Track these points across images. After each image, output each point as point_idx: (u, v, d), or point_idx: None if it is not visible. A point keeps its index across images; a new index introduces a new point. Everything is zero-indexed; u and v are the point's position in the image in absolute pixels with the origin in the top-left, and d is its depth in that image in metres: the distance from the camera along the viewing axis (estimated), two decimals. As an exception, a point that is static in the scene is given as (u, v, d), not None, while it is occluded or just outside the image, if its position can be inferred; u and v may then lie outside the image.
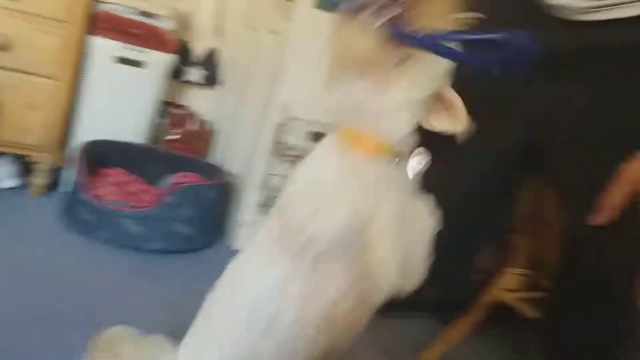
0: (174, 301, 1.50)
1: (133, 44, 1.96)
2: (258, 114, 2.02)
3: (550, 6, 0.77)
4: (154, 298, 1.52)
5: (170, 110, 2.35)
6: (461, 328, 1.43)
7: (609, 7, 0.70)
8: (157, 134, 2.27)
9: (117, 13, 1.95)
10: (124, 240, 1.75)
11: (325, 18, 1.81)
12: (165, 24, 2.03)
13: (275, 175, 1.96)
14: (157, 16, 2.01)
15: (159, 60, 2.03)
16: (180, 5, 2.24)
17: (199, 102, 2.52)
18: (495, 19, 0.81)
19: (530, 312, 1.29)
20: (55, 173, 1.98)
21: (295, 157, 1.95)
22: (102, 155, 1.98)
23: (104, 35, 1.93)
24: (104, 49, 1.94)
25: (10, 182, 1.97)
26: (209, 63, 2.40)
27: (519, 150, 0.88)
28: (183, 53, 2.36)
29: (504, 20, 0.79)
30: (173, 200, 1.78)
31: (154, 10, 2.00)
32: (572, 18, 0.75)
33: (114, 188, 1.92)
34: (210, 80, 2.42)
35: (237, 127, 2.22)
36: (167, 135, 2.30)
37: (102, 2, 1.95)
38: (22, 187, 1.97)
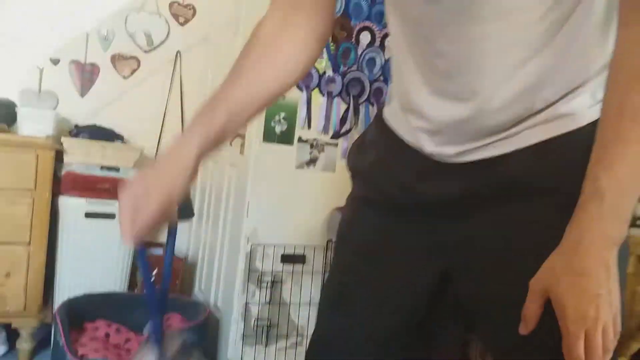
0: None
1: (100, 197, 2.04)
2: (230, 243, 2.06)
3: (428, 154, 0.80)
4: None
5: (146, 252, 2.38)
6: None
7: (476, 149, 0.75)
8: (135, 278, 2.29)
9: (81, 172, 2.04)
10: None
11: (275, 149, 1.93)
12: (129, 174, 2.12)
13: (255, 303, 1.96)
14: (122, 168, 2.11)
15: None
16: (145, 151, 2.36)
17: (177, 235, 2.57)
18: (380, 163, 0.87)
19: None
20: (42, 333, 1.98)
21: (270, 282, 1.96)
22: (84, 310, 1.98)
23: (72, 194, 2.01)
24: (73, 207, 2.02)
25: (-2, 350, 1.97)
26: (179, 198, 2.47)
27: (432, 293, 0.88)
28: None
29: (388, 166, 0.86)
30: (155, 347, 1.77)
31: (119, 164, 2.10)
32: (448, 161, 0.78)
33: (98, 344, 1.90)
34: (184, 213, 2.48)
35: (214, 258, 2.24)
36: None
37: (67, 163, 2.06)
38: (11, 352, 1.97)
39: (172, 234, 0.82)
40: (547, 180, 0.70)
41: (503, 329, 0.72)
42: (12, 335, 2.00)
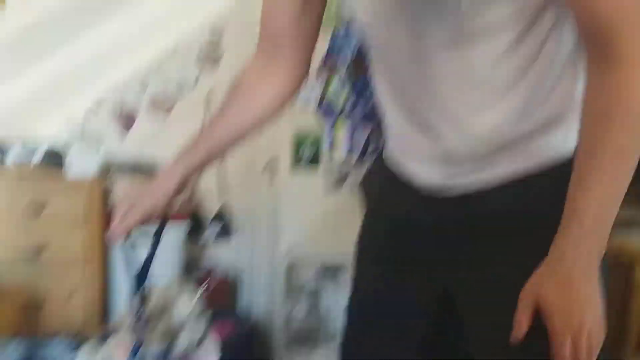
0: None
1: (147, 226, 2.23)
2: (270, 259, 2.24)
3: (417, 186, 0.88)
4: None
5: (194, 272, 2.57)
6: None
7: (455, 184, 0.83)
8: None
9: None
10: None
11: (304, 173, 2.12)
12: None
13: (296, 313, 2.13)
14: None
15: (175, 231, 2.29)
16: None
17: (219, 255, 2.75)
18: (382, 195, 1.00)
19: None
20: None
21: (311, 293, 2.13)
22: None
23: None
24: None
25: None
26: (221, 218, 2.66)
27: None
28: (195, 217, 2.63)
29: (388, 198, 0.98)
30: None
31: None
32: (437, 195, 0.85)
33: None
34: (224, 233, 2.66)
35: (255, 273, 2.42)
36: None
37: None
38: None
39: (157, 233, 1.01)
40: (525, 213, 0.78)
41: (495, 343, 0.78)
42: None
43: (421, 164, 0.86)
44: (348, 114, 2.18)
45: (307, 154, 2.11)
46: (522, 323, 0.70)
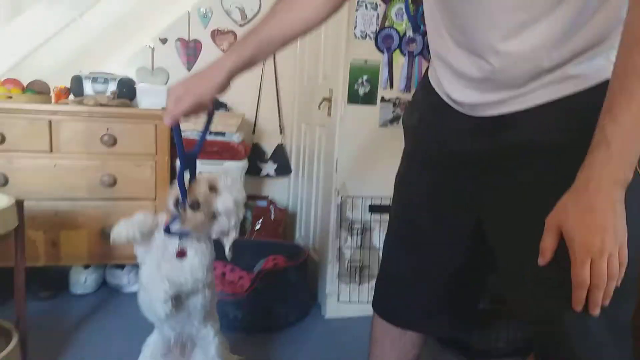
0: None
1: (212, 159, 2.35)
2: (323, 196, 2.30)
3: (457, 102, 0.91)
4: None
5: (253, 204, 2.70)
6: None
7: (494, 103, 0.83)
8: (245, 226, 2.62)
9: (194, 137, 2.35)
10: (228, 324, 2.03)
11: (359, 110, 2.10)
12: (234, 137, 2.41)
13: (348, 248, 2.20)
14: (227, 133, 2.40)
15: (235, 167, 2.40)
16: (246, 116, 2.64)
17: (276, 191, 2.88)
18: (422, 121, 1.02)
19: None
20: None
21: (360, 229, 2.18)
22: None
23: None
24: (189, 168, 2.34)
25: (136, 287, 2.38)
26: (278, 156, 2.75)
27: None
28: (256, 153, 2.74)
29: (429, 124, 1.00)
30: (264, 284, 2.06)
31: (224, 129, 2.39)
32: (474, 115, 0.88)
33: (216, 280, 2.24)
34: (282, 170, 2.76)
35: (310, 208, 2.50)
36: (254, 225, 2.64)
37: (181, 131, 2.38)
38: None
39: (208, 119, 1.10)
40: (558, 138, 0.79)
41: (522, 264, 0.82)
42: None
43: (464, 86, 0.88)
44: (405, 48, 2.11)
45: (363, 90, 2.09)
46: (546, 248, 0.72)
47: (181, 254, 1.16)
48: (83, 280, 2.33)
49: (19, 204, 1.52)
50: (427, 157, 1.02)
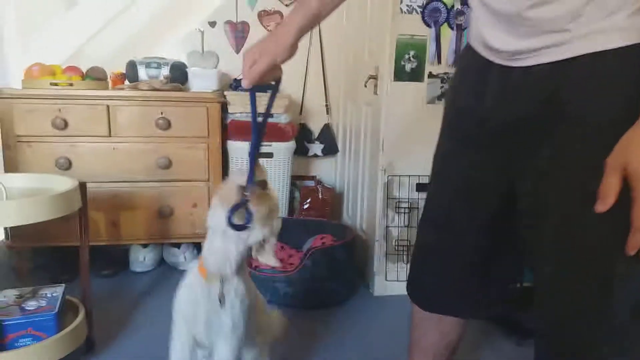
0: (329, 346, 1.80)
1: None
2: (370, 175, 2.31)
3: (490, 49, 0.89)
4: (313, 347, 1.83)
5: (301, 184, 2.75)
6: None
7: (530, 52, 0.81)
8: (293, 205, 2.67)
9: (242, 119, 2.41)
10: (279, 300, 2.10)
11: (405, 87, 2.08)
12: (282, 119, 2.44)
13: (394, 226, 2.21)
14: (275, 114, 2.43)
15: (284, 149, 2.44)
16: (293, 96, 2.67)
17: (323, 171, 2.91)
18: (459, 78, 1.02)
19: None
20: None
21: (407, 208, 2.18)
22: (253, 233, 2.41)
23: (237, 139, 2.40)
24: (239, 149, 2.40)
25: (192, 264, 2.49)
26: (325, 136, 2.77)
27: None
28: (303, 133, 2.77)
29: (466, 77, 1.00)
30: (313, 262, 2.11)
31: (272, 111, 2.42)
32: (510, 65, 0.86)
33: (266, 258, 2.31)
34: (329, 150, 2.78)
35: (357, 188, 2.52)
36: (302, 205, 2.68)
37: (231, 113, 2.44)
38: None
39: (276, 85, 1.13)
40: (604, 95, 0.75)
41: (565, 229, 0.80)
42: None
43: (501, 30, 0.86)
44: (452, 22, 2.07)
45: (409, 66, 2.07)
46: (609, 191, 0.70)
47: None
48: (142, 259, 2.45)
49: (82, 187, 1.62)
50: (461, 128, 1.02)
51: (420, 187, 2.16)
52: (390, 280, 2.24)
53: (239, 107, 2.43)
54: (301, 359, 1.74)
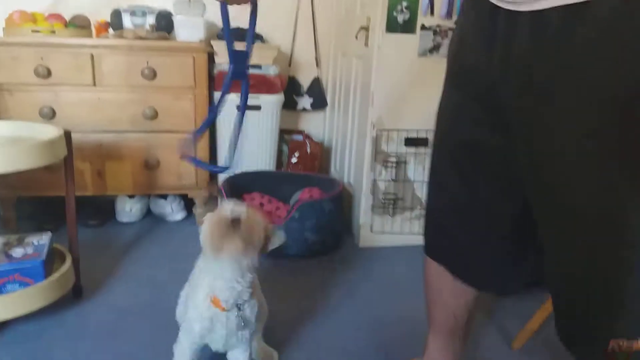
0: (315, 292, 1.84)
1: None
2: (359, 129, 2.30)
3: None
4: (301, 291, 1.87)
5: (289, 138, 2.74)
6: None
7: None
8: (281, 159, 2.67)
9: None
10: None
11: (397, 39, 2.05)
12: (270, 70, 2.41)
13: (382, 180, 2.22)
14: (264, 66, 2.39)
15: (272, 101, 2.41)
16: (282, 48, 2.62)
17: (312, 125, 2.89)
18: (464, 27, 0.99)
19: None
20: (212, 203, 2.46)
21: (395, 163, 2.19)
22: (242, 185, 2.41)
23: (225, 90, 2.36)
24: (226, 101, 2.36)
25: (179, 216, 2.52)
26: (314, 90, 2.74)
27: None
28: (292, 86, 2.73)
29: (471, 26, 0.96)
30: (300, 214, 2.13)
31: (260, 62, 2.39)
32: (519, 10, 0.81)
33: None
34: (318, 104, 2.76)
35: (345, 142, 2.51)
36: (290, 158, 2.68)
37: (218, 63, 2.39)
38: (188, 218, 2.51)
39: (253, 8, 1.11)
40: (611, 44, 0.72)
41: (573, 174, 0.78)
42: (189, 205, 2.52)
43: None
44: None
45: (402, 17, 2.03)
46: None
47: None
48: (129, 209, 2.45)
49: (67, 135, 1.60)
50: (461, 74, 0.99)
51: (408, 142, 2.16)
52: (376, 232, 2.27)
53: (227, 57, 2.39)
54: (289, 306, 1.78)
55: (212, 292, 1.15)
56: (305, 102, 2.75)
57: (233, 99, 1.19)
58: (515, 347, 1.59)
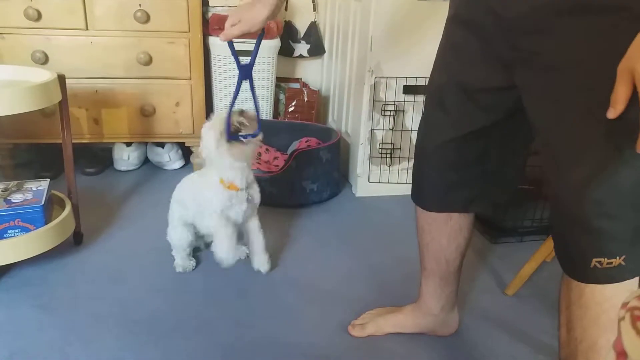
0: (312, 240, 1.87)
1: (243, 38, 2.30)
2: (357, 77, 2.27)
3: None
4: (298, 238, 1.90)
5: (286, 86, 2.70)
6: (549, 246, 1.58)
7: None
8: (278, 108, 2.64)
9: (224, 13, 2.30)
10: (264, 199, 2.12)
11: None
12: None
13: (379, 129, 2.21)
14: (259, 9, 2.33)
15: (268, 47, 2.36)
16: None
17: (309, 73, 2.84)
18: None
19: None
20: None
21: (393, 111, 2.17)
22: (238, 134, 2.40)
23: (218, 34, 2.29)
24: (221, 46, 2.32)
25: (177, 164, 2.52)
26: (312, 36, 2.68)
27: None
28: (288, 31, 2.67)
29: None
30: (297, 163, 2.13)
31: (255, 5, 2.32)
32: None
33: (252, 160, 2.32)
34: (315, 51, 2.70)
35: (343, 90, 2.48)
36: (287, 107, 2.66)
37: (212, 7, 2.33)
38: (186, 167, 2.52)
39: (259, 38, 1.40)
40: None
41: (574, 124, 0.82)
42: (186, 153, 2.52)
43: None
44: None
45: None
46: (619, 99, 0.71)
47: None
48: (126, 157, 2.45)
49: (61, 79, 1.57)
50: (467, 16, 1.00)
51: (407, 90, 2.14)
52: (373, 182, 2.28)
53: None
54: (287, 252, 1.81)
55: (226, 180, 1.49)
56: (302, 48, 2.70)
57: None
58: (508, 293, 1.64)
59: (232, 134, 1.42)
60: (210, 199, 1.50)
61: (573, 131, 0.82)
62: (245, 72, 1.41)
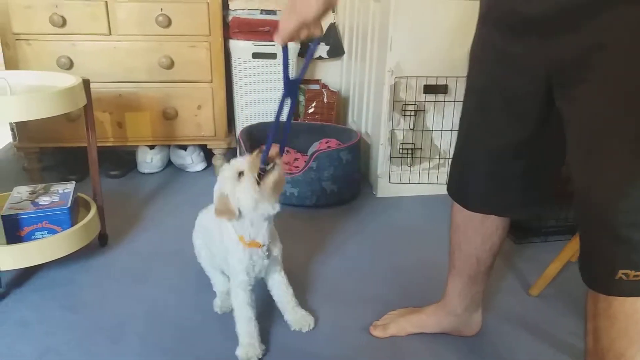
0: (333, 241, 1.88)
1: (263, 40, 2.33)
2: (377, 77, 2.27)
3: None
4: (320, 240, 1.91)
5: (305, 87, 2.71)
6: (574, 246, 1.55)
7: None
8: (298, 110, 2.65)
9: (244, 17, 2.32)
10: (285, 200, 2.14)
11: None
12: (286, 16, 2.36)
13: (400, 130, 2.20)
14: (277, 11, 2.35)
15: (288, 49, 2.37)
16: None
17: (329, 74, 2.85)
18: None
19: None
20: (230, 154, 2.48)
21: (413, 111, 2.16)
22: (259, 135, 2.40)
23: (239, 37, 2.33)
24: (242, 49, 2.35)
25: (199, 167, 2.54)
26: (331, 37, 2.69)
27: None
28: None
29: None
30: (317, 164, 2.13)
31: (273, 7, 2.34)
32: None
33: (271, 162, 2.34)
34: (335, 52, 2.71)
35: (363, 91, 2.48)
36: (307, 109, 2.66)
37: (232, 10, 2.35)
38: (208, 169, 2.55)
39: (313, 43, 1.16)
40: None
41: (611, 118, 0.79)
42: (208, 155, 2.54)
43: None
44: None
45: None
46: None
47: None
48: (149, 160, 2.48)
49: (86, 83, 1.60)
50: (501, 17, 0.98)
51: (427, 89, 2.13)
52: (394, 182, 2.28)
53: (241, 2, 2.35)
54: (308, 253, 1.81)
55: (247, 238, 1.30)
56: (321, 50, 2.70)
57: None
58: (532, 293, 1.61)
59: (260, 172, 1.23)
60: (234, 265, 1.33)
61: (612, 132, 0.80)
62: (291, 89, 1.18)
